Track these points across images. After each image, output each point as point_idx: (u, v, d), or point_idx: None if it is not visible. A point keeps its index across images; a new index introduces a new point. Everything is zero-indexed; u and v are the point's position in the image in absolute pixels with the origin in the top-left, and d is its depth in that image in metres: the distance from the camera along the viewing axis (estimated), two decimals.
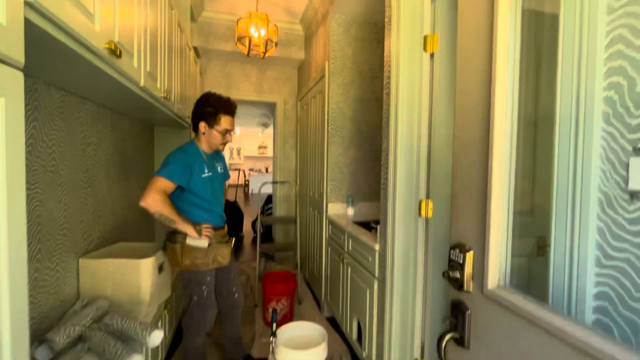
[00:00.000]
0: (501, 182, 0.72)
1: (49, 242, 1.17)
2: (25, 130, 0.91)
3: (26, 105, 1.03)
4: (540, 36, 0.79)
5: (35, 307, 1.09)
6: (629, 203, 0.55)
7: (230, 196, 7.12)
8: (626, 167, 0.56)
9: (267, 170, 12.77)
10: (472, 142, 0.76)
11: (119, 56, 0.99)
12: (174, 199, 1.47)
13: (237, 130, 12.38)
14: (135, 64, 1.22)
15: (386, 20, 1.53)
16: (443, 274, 0.81)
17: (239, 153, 13.12)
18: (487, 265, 0.72)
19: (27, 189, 1.04)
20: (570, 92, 0.63)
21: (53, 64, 0.95)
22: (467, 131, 0.78)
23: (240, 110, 6.97)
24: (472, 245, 0.77)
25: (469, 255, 0.76)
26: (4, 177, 0.54)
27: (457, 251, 0.79)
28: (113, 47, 0.94)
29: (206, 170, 1.53)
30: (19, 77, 0.59)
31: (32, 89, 1.08)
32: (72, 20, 0.76)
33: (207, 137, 1.54)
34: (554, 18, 0.67)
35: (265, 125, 10.54)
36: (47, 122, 1.16)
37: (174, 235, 1.46)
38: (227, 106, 1.55)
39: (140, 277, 1.39)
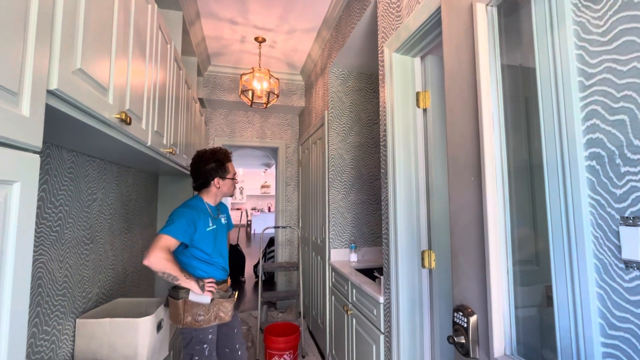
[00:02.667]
0: (498, 244, 0.73)
1: (47, 305, 1.15)
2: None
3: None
4: (520, 110, 0.84)
5: None
6: (625, 272, 0.55)
7: (232, 239, 7.04)
8: (617, 235, 0.57)
9: (269, 210, 12.75)
10: (467, 205, 0.78)
11: (129, 123, 1.06)
12: (177, 252, 1.47)
13: (240, 170, 12.58)
14: (143, 126, 1.29)
15: (380, 77, 1.64)
16: (448, 339, 0.78)
17: (241, 192, 13.20)
18: (492, 331, 0.70)
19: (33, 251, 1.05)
20: (555, 162, 0.66)
21: (65, 133, 1.01)
22: (461, 193, 0.80)
23: (243, 152, 7.15)
24: (475, 308, 0.76)
25: (473, 320, 0.75)
26: (13, 260, 0.56)
27: (461, 314, 0.78)
28: (124, 117, 1.01)
29: (210, 224, 1.56)
30: (35, 160, 0.63)
31: (45, 153, 1.13)
32: (88, 99, 0.82)
33: (222, 189, 1.60)
34: (534, 99, 0.72)
35: (268, 165, 10.73)
36: (55, 184, 1.20)
37: (176, 291, 1.44)
38: (226, 154, 1.64)
39: (138, 337, 1.35)
